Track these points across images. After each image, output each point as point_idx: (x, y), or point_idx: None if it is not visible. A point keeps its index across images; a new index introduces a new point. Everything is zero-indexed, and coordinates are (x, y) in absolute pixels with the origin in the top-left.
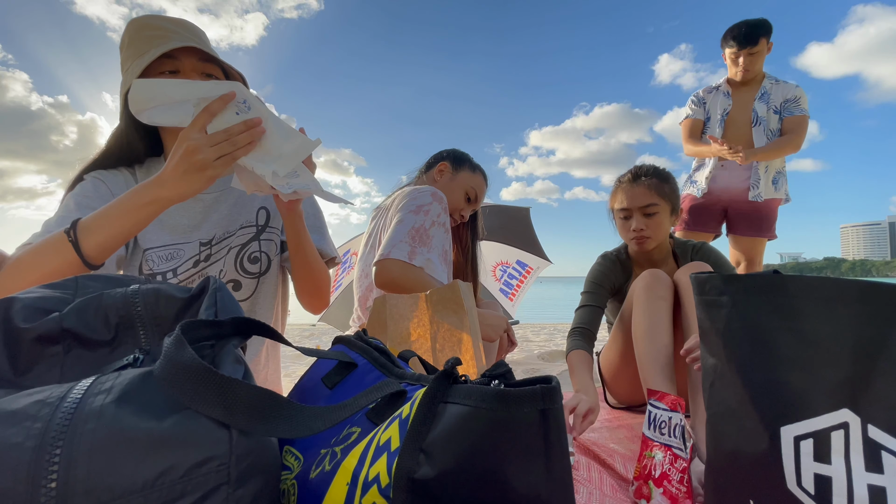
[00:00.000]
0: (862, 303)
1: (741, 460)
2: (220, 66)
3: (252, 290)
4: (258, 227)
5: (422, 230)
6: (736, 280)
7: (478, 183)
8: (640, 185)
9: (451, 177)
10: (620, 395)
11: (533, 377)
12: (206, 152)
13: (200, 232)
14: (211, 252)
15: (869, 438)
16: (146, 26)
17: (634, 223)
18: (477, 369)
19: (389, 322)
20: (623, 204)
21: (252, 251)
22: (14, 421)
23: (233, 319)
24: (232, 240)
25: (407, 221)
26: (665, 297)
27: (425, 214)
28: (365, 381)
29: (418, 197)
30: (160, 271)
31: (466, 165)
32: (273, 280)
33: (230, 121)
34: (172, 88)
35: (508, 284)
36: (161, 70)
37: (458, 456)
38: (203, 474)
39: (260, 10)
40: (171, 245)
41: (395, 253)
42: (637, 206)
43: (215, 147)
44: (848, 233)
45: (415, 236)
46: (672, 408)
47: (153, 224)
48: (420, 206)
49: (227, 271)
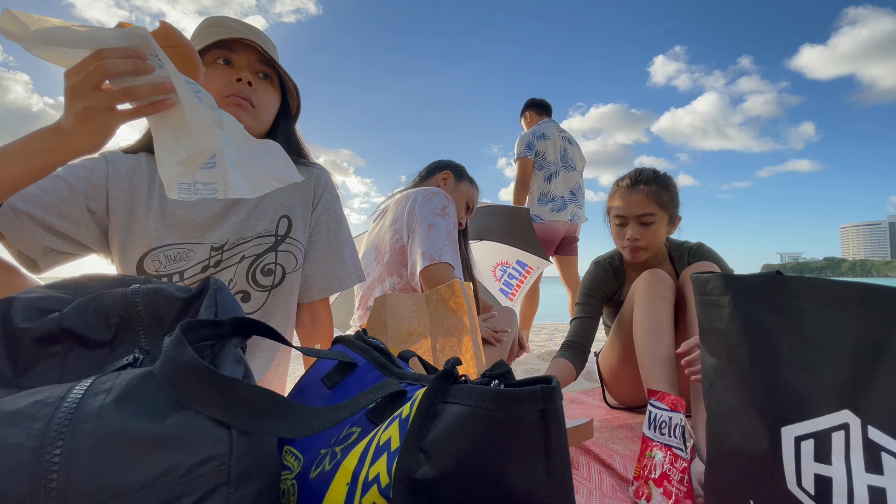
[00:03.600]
0: (863, 304)
1: (741, 460)
2: (277, 71)
3: (261, 304)
4: (277, 237)
5: (450, 234)
6: (737, 280)
7: (475, 194)
8: (639, 193)
9: (455, 186)
10: (620, 396)
11: (533, 377)
12: (91, 99)
13: (214, 235)
14: (222, 258)
15: (869, 439)
16: (215, 23)
17: (629, 232)
18: (477, 369)
19: (389, 322)
20: (619, 211)
21: (267, 263)
22: (14, 421)
23: (233, 319)
24: (246, 247)
25: (440, 225)
26: (666, 298)
27: (448, 217)
28: (365, 381)
29: (437, 200)
30: (166, 273)
31: (466, 178)
32: (286, 294)
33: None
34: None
35: (508, 284)
36: (215, 58)
37: (458, 456)
38: (203, 474)
39: (258, 14)
40: (181, 244)
41: (444, 256)
42: (633, 215)
43: (104, 95)
44: (848, 233)
45: (451, 239)
46: (672, 408)
47: (162, 219)
48: (443, 208)
49: (238, 281)
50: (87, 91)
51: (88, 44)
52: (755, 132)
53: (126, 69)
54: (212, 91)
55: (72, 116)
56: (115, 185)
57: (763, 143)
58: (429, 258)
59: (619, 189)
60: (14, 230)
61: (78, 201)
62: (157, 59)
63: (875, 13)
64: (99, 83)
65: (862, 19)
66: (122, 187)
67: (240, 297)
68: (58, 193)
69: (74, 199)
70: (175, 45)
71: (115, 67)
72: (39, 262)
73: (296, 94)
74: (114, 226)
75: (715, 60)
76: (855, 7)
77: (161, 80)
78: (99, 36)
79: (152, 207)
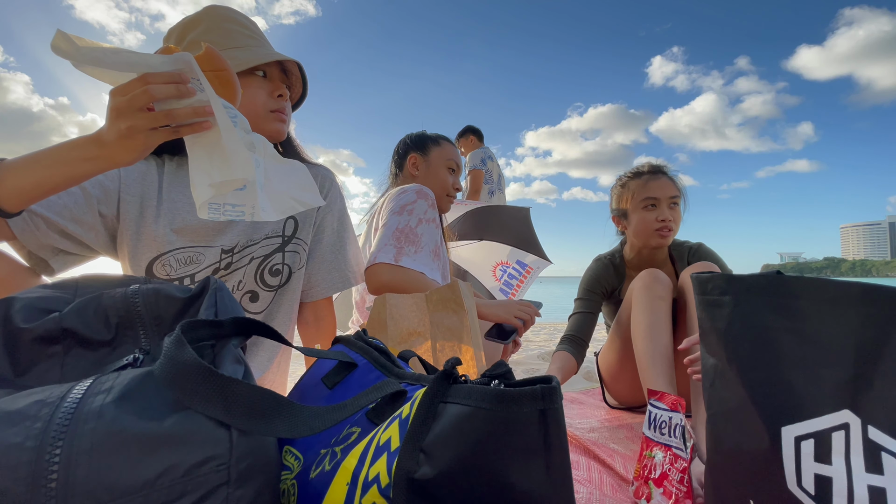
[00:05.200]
0: (864, 304)
1: (741, 460)
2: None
3: (268, 303)
4: (284, 237)
5: (407, 230)
6: (738, 280)
7: (449, 151)
8: (665, 177)
9: (426, 163)
10: (620, 396)
11: (533, 377)
12: (135, 119)
13: (224, 238)
14: (232, 261)
15: (869, 439)
16: (232, 20)
17: (662, 213)
18: (477, 369)
19: (389, 322)
20: (650, 193)
21: (274, 263)
22: (14, 421)
23: (233, 319)
24: (255, 249)
25: (391, 224)
26: (664, 297)
27: (409, 214)
28: (365, 381)
29: (402, 197)
30: (177, 276)
31: (430, 143)
32: (292, 293)
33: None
34: (113, 56)
35: (508, 284)
36: (253, 70)
37: (458, 456)
38: (203, 474)
39: (258, 16)
40: (191, 248)
41: (380, 257)
42: (667, 196)
43: (147, 116)
44: (848, 233)
45: (400, 237)
46: (672, 408)
47: (172, 224)
48: (404, 206)
49: (247, 282)
50: (131, 112)
51: (136, 68)
52: (754, 132)
53: (170, 94)
54: (256, 105)
55: (114, 133)
56: (127, 189)
57: (762, 143)
58: (368, 262)
59: (640, 178)
60: (27, 231)
61: (90, 205)
62: (198, 82)
63: (871, 14)
64: (143, 106)
65: (858, 20)
66: (133, 192)
67: (248, 297)
68: (71, 197)
69: (87, 203)
70: (216, 69)
71: (159, 93)
72: (52, 263)
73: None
74: (124, 230)
75: (712, 61)
76: (851, 8)
77: (201, 104)
78: (147, 61)
79: (162, 212)
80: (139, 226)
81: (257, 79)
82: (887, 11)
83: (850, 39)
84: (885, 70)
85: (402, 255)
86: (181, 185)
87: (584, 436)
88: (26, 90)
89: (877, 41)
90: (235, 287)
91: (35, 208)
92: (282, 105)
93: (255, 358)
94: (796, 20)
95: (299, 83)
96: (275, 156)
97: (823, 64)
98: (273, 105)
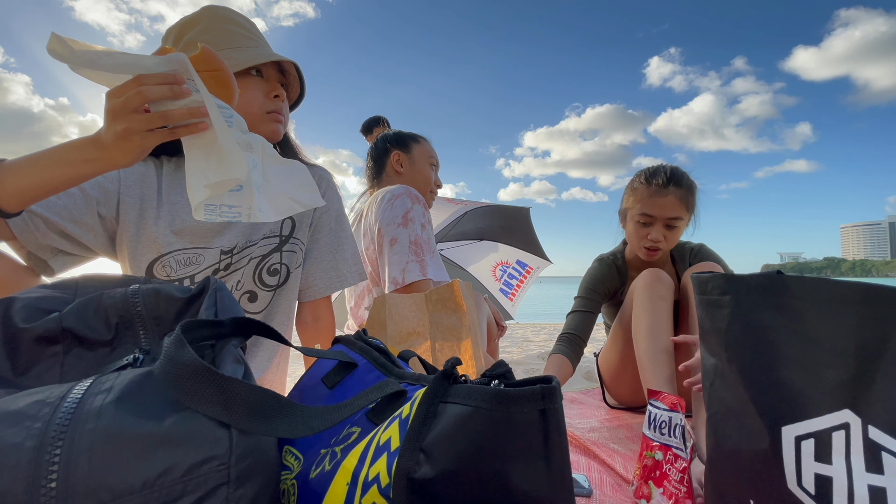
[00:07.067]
0: (864, 304)
1: (741, 460)
2: (300, 83)
3: (267, 303)
4: (281, 237)
5: (418, 240)
6: (738, 280)
7: (429, 148)
8: (671, 195)
9: (409, 160)
10: (620, 396)
11: (533, 377)
12: (131, 121)
13: (223, 239)
14: (231, 261)
15: (869, 439)
16: (230, 20)
17: (654, 233)
18: (477, 369)
19: (389, 322)
20: (647, 210)
21: (272, 263)
22: (14, 421)
23: (233, 319)
24: (253, 249)
25: (403, 239)
26: (666, 297)
27: (412, 222)
28: (365, 381)
29: (398, 205)
30: (177, 277)
31: (411, 141)
32: (290, 293)
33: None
34: (107, 58)
35: (508, 284)
36: (248, 69)
37: (458, 456)
38: (203, 474)
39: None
40: (191, 249)
41: (409, 275)
42: (664, 217)
43: (143, 118)
44: (848, 233)
45: (416, 250)
46: (672, 408)
47: (172, 225)
48: (405, 215)
49: (245, 282)
50: (126, 113)
51: (130, 69)
52: (752, 133)
53: (163, 95)
54: (253, 106)
55: (111, 135)
56: (127, 191)
57: (760, 143)
58: (392, 282)
59: (649, 187)
60: (27, 232)
61: (90, 206)
62: (193, 83)
63: (867, 14)
64: (138, 107)
65: (854, 21)
66: (133, 193)
67: (247, 297)
68: (71, 198)
69: (87, 204)
70: (213, 69)
71: (153, 94)
72: (51, 263)
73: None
74: (123, 232)
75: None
76: (847, 9)
77: (196, 104)
78: (140, 62)
79: (161, 214)
80: (139, 227)
81: (254, 79)
82: (883, 12)
83: (847, 40)
84: (881, 71)
85: (427, 267)
86: (180, 187)
87: (584, 436)
88: (26, 91)
89: (873, 42)
90: (234, 287)
91: (35, 209)
92: (278, 106)
93: (255, 358)
94: (792, 21)
95: (297, 84)
96: (274, 156)
97: (820, 65)
98: (270, 106)
